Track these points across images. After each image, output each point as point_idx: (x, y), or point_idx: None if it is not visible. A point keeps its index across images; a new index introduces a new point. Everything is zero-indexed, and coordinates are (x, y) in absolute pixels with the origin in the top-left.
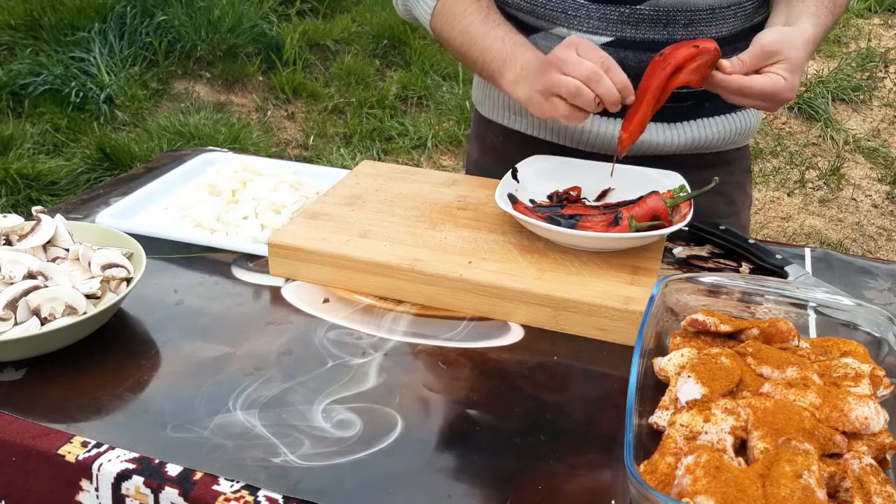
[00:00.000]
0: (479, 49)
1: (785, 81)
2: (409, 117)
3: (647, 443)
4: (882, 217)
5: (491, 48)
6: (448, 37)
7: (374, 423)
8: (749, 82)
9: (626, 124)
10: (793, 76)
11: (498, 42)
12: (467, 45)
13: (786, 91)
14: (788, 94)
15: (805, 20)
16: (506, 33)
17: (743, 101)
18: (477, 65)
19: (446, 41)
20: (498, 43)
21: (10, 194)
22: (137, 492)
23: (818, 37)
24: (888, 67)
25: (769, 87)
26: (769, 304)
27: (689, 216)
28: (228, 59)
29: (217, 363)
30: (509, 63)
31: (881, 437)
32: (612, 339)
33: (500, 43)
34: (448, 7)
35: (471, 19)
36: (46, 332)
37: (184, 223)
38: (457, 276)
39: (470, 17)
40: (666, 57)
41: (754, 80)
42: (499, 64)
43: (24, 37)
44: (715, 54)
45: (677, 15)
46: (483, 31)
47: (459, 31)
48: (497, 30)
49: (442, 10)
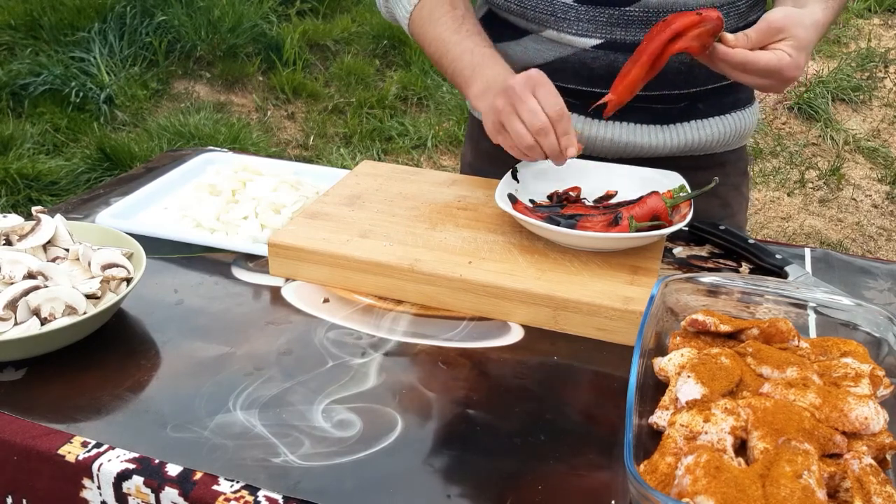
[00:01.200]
0: (449, 58)
1: (790, 59)
2: (409, 117)
3: (647, 443)
4: (882, 217)
5: (461, 58)
6: (423, 42)
7: (373, 423)
8: (753, 57)
9: (616, 86)
10: (798, 54)
11: (467, 53)
12: (440, 53)
13: (790, 69)
14: (793, 72)
15: (814, 4)
16: (476, 45)
17: (745, 78)
18: (448, 72)
19: (422, 46)
20: (467, 54)
21: (10, 194)
22: (138, 491)
23: (827, 21)
24: (888, 67)
25: (773, 63)
26: (769, 304)
27: (689, 216)
28: (228, 59)
29: (217, 363)
30: (476, 75)
31: (881, 437)
32: (612, 339)
33: (469, 55)
34: (425, 12)
35: (445, 27)
36: (46, 332)
37: (184, 223)
38: (457, 276)
39: (444, 25)
40: (667, 22)
41: (759, 55)
42: (467, 74)
43: (24, 37)
44: (718, 23)
45: (667, 16)
46: (455, 39)
47: (433, 37)
48: (468, 41)
49: (419, 14)
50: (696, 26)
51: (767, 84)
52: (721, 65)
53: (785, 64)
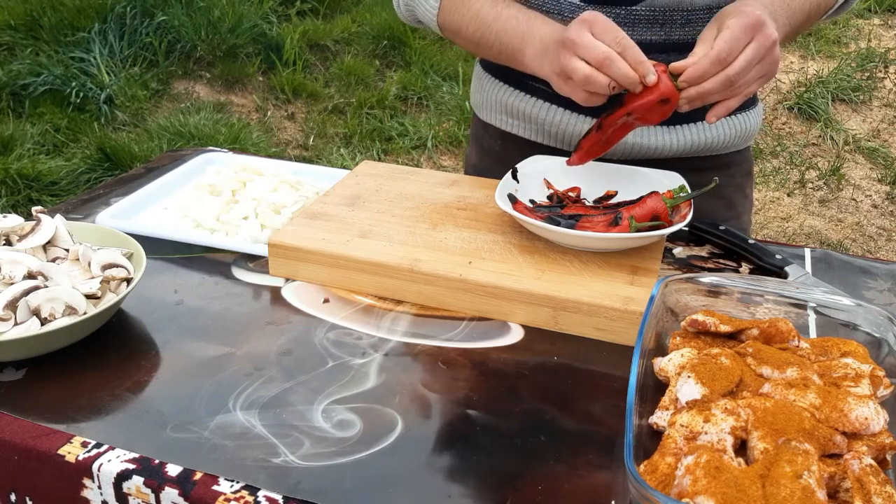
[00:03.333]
0: (493, 32)
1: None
2: (409, 117)
3: (647, 443)
4: (882, 217)
5: (506, 29)
6: (459, 27)
7: (374, 424)
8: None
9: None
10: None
11: (512, 21)
12: (481, 31)
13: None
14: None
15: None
16: (518, 11)
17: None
18: (493, 49)
19: (457, 32)
20: (512, 22)
21: (10, 194)
22: (138, 491)
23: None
24: (888, 67)
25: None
26: (769, 305)
27: (689, 216)
28: (228, 60)
29: (217, 363)
30: (528, 39)
31: (881, 437)
32: (612, 339)
33: (515, 22)
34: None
35: (480, 4)
36: (46, 332)
37: (184, 223)
38: (456, 277)
39: (479, 2)
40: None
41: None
42: (517, 42)
43: (24, 37)
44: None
45: (674, 15)
46: (494, 12)
47: (470, 17)
48: (509, 9)
49: (449, 2)
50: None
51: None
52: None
53: (742, 24)
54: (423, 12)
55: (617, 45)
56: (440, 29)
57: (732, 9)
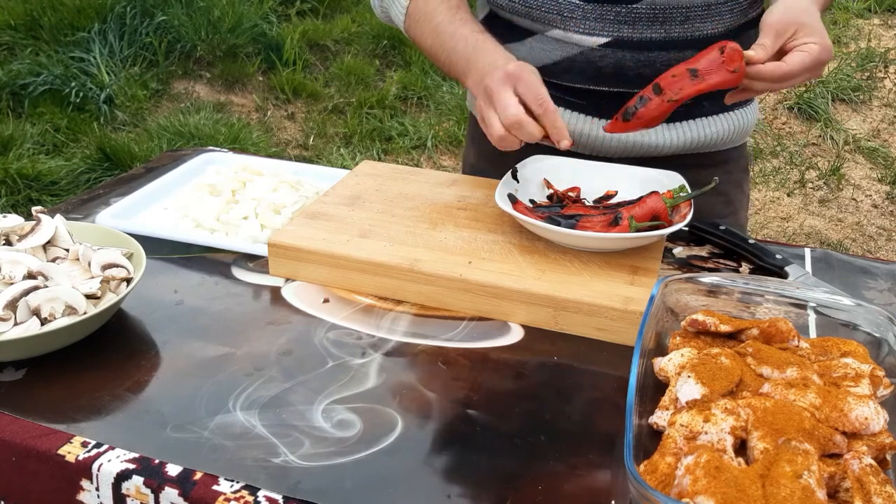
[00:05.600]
0: (446, 50)
1: (818, 46)
2: (409, 117)
3: (647, 443)
4: (882, 217)
5: (455, 49)
6: (419, 38)
7: (374, 423)
8: (788, 68)
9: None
10: (821, 38)
11: (462, 42)
12: (437, 46)
13: (824, 53)
14: (828, 55)
15: None
16: (470, 32)
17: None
18: (445, 65)
19: (418, 42)
20: (461, 43)
21: (10, 194)
22: (138, 492)
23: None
24: (888, 67)
25: (808, 61)
26: (769, 305)
27: (689, 216)
28: (228, 60)
29: (217, 363)
30: (471, 65)
31: (881, 437)
32: (612, 339)
33: (464, 44)
34: (420, 7)
35: (440, 19)
36: (46, 332)
37: (184, 223)
38: (456, 277)
39: (440, 17)
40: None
41: (791, 61)
42: (462, 66)
43: (24, 37)
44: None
45: (673, 12)
46: (451, 29)
47: (430, 30)
48: (463, 28)
49: (414, 10)
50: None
51: (811, 76)
52: (758, 84)
53: (817, 53)
54: (395, 14)
55: (538, 106)
56: (406, 33)
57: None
